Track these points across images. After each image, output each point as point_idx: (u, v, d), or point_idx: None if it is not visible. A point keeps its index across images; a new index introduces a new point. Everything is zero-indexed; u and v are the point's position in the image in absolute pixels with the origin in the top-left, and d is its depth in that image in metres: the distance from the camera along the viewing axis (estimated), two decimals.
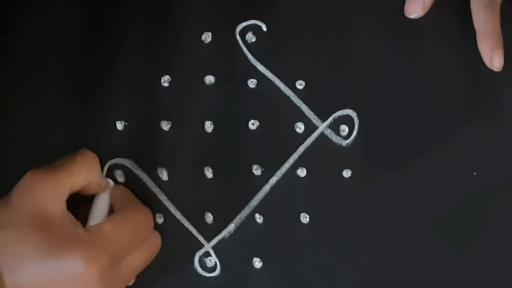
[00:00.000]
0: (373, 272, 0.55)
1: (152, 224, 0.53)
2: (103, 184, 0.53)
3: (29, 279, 0.46)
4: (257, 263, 0.55)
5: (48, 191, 0.47)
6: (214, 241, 0.56)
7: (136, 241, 0.51)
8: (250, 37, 0.60)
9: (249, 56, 0.60)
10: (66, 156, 0.50)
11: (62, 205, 0.48)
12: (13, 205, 0.47)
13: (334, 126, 0.58)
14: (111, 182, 0.54)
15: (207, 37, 0.60)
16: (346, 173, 0.57)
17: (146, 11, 0.60)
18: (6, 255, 0.46)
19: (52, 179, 0.48)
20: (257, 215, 0.56)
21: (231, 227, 0.56)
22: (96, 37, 0.60)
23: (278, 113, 0.58)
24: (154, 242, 0.53)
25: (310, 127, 0.58)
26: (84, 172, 0.50)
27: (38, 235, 0.46)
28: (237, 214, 0.56)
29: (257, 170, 0.57)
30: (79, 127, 0.58)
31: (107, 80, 0.59)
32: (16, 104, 0.58)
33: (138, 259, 0.51)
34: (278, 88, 0.59)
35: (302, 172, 0.57)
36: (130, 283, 0.52)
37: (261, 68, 0.59)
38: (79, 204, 0.52)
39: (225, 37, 0.60)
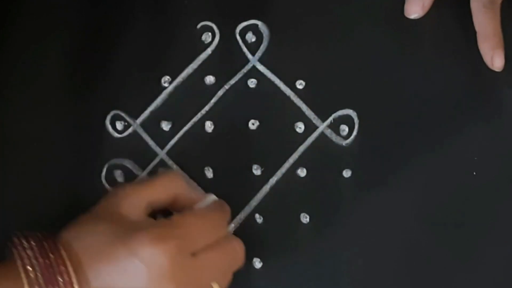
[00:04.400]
0: (373, 272, 0.55)
1: (226, 226, 0.53)
2: (194, 197, 0.53)
3: (104, 267, 0.47)
4: (257, 263, 0.55)
5: (125, 198, 0.50)
6: None
7: (206, 235, 0.50)
8: (250, 37, 0.60)
9: (249, 56, 0.60)
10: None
11: (138, 212, 0.50)
12: (93, 209, 0.51)
13: (334, 126, 0.58)
14: (212, 197, 0.53)
15: (207, 37, 0.60)
16: (346, 173, 0.57)
17: (145, 11, 0.61)
18: (82, 247, 0.48)
19: (130, 189, 0.51)
20: (257, 215, 0.56)
21: (231, 227, 0.56)
22: (97, 40, 0.60)
23: (278, 113, 0.58)
24: (234, 249, 0.52)
25: (310, 127, 0.58)
26: (163, 186, 0.52)
27: (109, 226, 0.49)
28: (237, 214, 0.56)
29: (257, 170, 0.57)
30: (78, 127, 0.58)
31: (107, 81, 0.59)
32: (16, 104, 0.58)
33: (213, 258, 0.50)
34: (278, 88, 0.59)
35: (302, 172, 0.57)
36: None
37: (261, 68, 0.59)
38: None
39: (225, 37, 0.60)
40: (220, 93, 0.59)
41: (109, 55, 0.59)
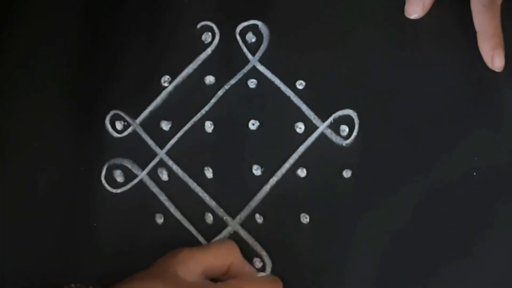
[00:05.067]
0: (373, 272, 0.55)
1: None
2: (247, 269, 0.53)
3: None
4: (258, 263, 0.55)
5: (182, 262, 0.51)
6: None
7: None
8: (250, 37, 0.60)
9: (249, 56, 0.60)
10: None
11: (194, 276, 0.51)
12: (149, 268, 0.51)
13: (334, 126, 0.58)
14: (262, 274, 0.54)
15: (207, 37, 0.60)
16: (346, 173, 0.57)
17: (145, 11, 0.61)
18: None
19: (188, 253, 0.52)
20: (257, 215, 0.56)
21: (231, 227, 0.56)
22: (97, 40, 0.60)
23: (278, 113, 0.58)
24: None
25: (310, 127, 0.58)
26: (220, 254, 0.52)
27: (166, 285, 0.49)
28: (237, 214, 0.56)
29: (257, 170, 0.57)
30: (78, 127, 0.58)
31: (107, 81, 0.59)
32: (16, 104, 0.58)
33: None
34: (278, 88, 0.59)
35: (302, 172, 0.57)
36: None
37: (261, 68, 0.59)
38: None
39: (225, 37, 0.60)
40: (220, 93, 0.59)
41: (109, 55, 0.59)
